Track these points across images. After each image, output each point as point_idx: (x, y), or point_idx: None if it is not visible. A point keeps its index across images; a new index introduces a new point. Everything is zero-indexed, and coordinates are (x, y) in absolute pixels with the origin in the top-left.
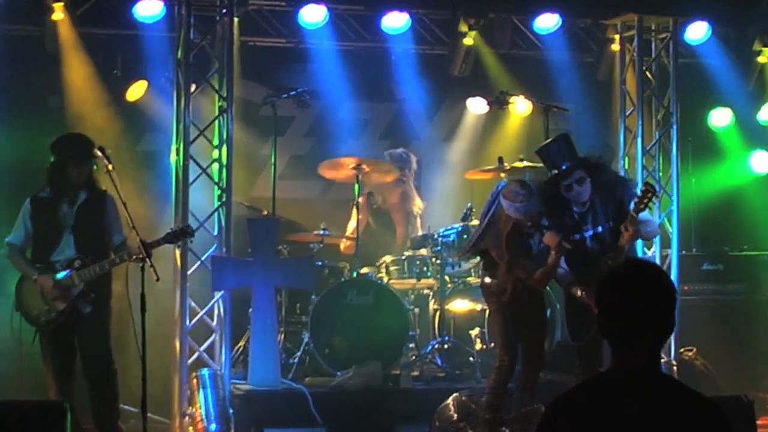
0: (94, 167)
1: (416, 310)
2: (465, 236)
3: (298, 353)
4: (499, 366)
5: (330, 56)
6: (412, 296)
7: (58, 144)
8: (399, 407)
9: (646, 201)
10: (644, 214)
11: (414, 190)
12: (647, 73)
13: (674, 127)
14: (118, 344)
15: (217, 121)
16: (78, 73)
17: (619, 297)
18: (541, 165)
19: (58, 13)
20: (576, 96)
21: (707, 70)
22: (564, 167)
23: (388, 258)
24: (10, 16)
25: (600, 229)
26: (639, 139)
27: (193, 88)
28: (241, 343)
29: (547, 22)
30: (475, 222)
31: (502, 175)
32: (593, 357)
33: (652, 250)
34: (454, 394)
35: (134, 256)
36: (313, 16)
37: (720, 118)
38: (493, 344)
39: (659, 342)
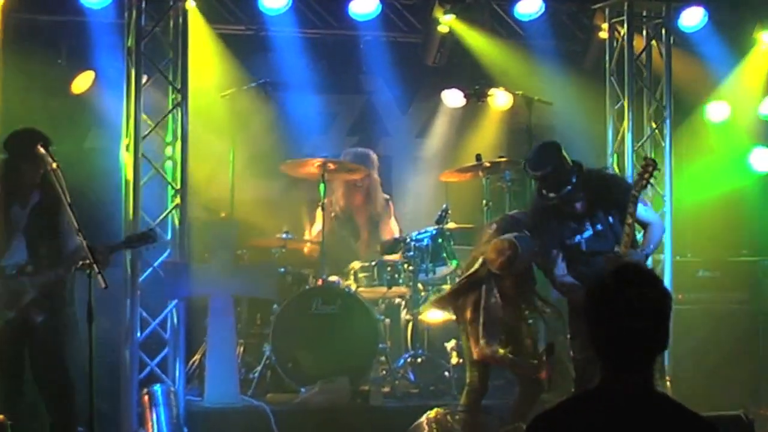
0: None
1: (387, 320)
2: (440, 240)
3: (259, 367)
4: (468, 385)
5: (293, 45)
6: (383, 305)
7: (10, 140)
8: (368, 426)
9: (647, 176)
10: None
11: (378, 191)
12: (638, 63)
13: (667, 121)
14: None
15: (171, 116)
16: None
17: (608, 307)
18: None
19: None
20: (560, 88)
21: (703, 60)
22: (567, 190)
23: (356, 264)
24: None
25: (600, 227)
26: (629, 135)
27: (144, 79)
28: (197, 357)
29: (529, 8)
30: (451, 225)
31: (481, 174)
32: (590, 374)
33: None
34: (428, 412)
35: (81, 262)
36: (274, 1)
37: (717, 111)
38: None
39: (652, 357)
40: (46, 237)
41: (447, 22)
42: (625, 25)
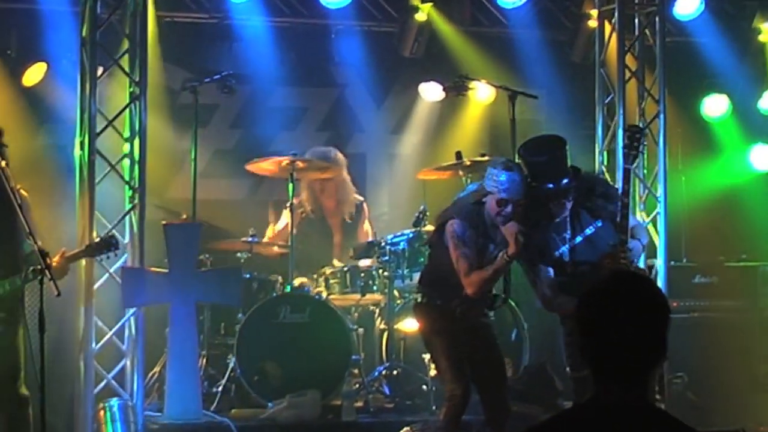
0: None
1: (360, 330)
2: (417, 244)
3: (223, 381)
4: (449, 398)
5: (260, 34)
6: (356, 314)
7: None
8: None
9: (636, 145)
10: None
11: (348, 190)
12: (630, 54)
13: (661, 116)
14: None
15: (128, 110)
16: None
17: (601, 315)
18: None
19: None
20: (547, 81)
21: (700, 51)
22: (558, 185)
23: (327, 269)
24: None
25: (589, 231)
26: (620, 131)
27: (100, 71)
28: (157, 369)
29: None
30: (430, 227)
31: (461, 172)
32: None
33: None
34: (405, 429)
35: (32, 268)
36: None
37: (715, 106)
38: None
39: (649, 369)
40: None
41: (425, 9)
42: (616, 13)
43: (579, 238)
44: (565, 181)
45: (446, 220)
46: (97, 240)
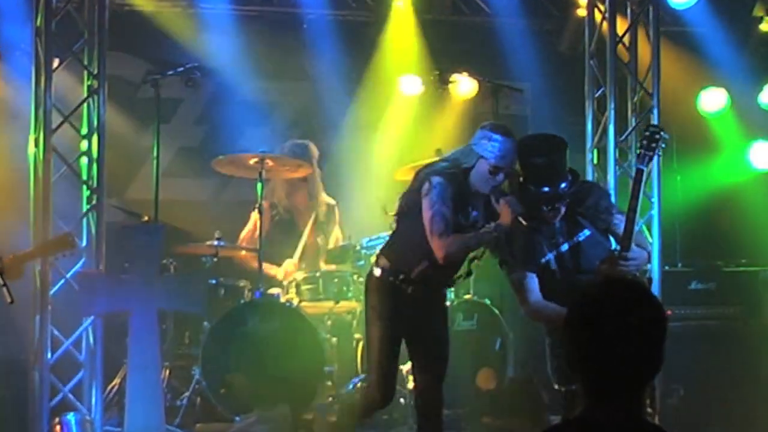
0: None
1: (334, 339)
2: None
3: (187, 393)
4: (367, 397)
5: (226, 24)
6: (329, 322)
7: None
8: None
9: (654, 146)
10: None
11: (321, 188)
12: (621, 44)
13: (655, 111)
14: None
15: (85, 105)
16: None
17: (593, 323)
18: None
19: None
20: (533, 73)
21: (696, 42)
22: (556, 189)
23: (298, 275)
24: None
25: (581, 237)
26: (611, 127)
27: (56, 63)
28: (116, 381)
29: None
30: None
31: None
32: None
33: None
34: None
35: None
36: None
37: (712, 100)
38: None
39: (642, 383)
40: None
41: None
42: (607, 1)
43: (568, 245)
44: (563, 185)
45: (424, 180)
46: (52, 239)
